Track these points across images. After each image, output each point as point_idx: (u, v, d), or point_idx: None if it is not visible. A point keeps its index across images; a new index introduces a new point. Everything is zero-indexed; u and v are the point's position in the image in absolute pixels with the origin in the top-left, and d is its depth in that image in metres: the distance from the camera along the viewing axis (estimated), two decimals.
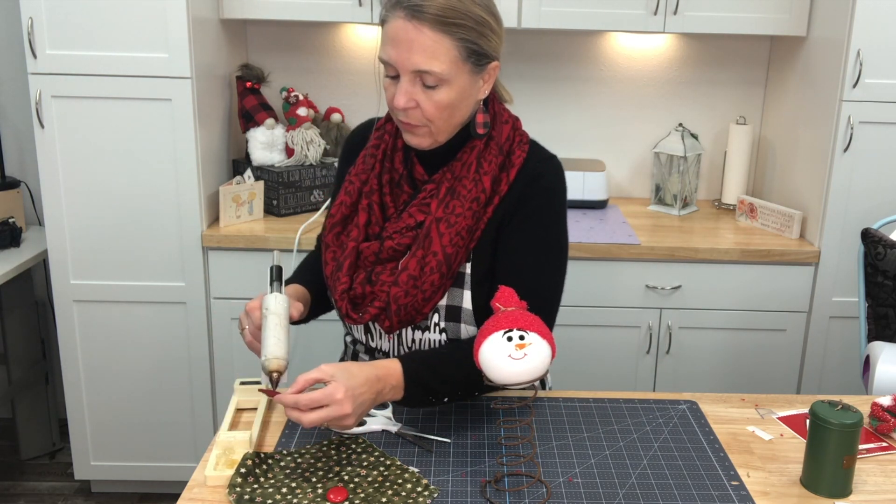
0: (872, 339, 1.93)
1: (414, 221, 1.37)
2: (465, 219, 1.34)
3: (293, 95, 2.65)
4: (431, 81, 1.27)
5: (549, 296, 1.39)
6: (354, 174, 1.43)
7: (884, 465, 1.25)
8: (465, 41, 1.26)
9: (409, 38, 1.24)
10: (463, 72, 1.29)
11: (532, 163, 1.39)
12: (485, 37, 1.29)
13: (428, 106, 1.29)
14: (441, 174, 1.38)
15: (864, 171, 2.35)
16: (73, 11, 2.20)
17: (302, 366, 2.47)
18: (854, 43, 2.24)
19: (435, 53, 1.25)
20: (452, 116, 1.32)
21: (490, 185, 1.35)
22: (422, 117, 1.30)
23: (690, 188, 2.74)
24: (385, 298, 1.35)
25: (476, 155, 1.36)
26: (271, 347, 1.22)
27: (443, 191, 1.36)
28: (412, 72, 1.26)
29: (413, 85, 1.28)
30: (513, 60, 2.81)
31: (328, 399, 1.15)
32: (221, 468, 1.17)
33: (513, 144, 1.39)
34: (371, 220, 1.41)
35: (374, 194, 1.41)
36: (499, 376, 1.12)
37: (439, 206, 1.35)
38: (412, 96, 1.28)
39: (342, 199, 1.42)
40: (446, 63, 1.26)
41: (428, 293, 1.34)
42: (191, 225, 2.36)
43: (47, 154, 2.30)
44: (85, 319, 2.43)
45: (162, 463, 2.56)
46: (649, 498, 1.14)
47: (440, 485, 1.16)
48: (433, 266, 1.33)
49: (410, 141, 1.35)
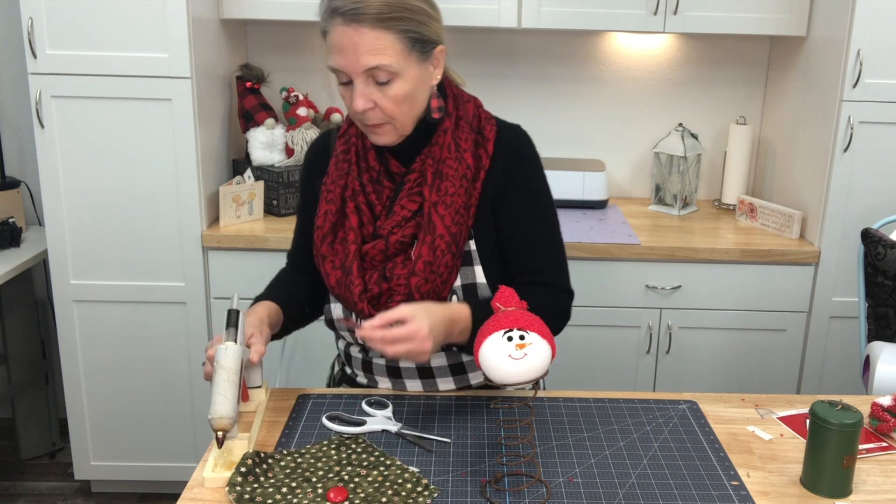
0: (872, 339, 1.93)
1: (409, 212, 1.40)
2: (460, 196, 1.38)
3: (293, 95, 2.65)
4: (384, 77, 1.29)
5: (560, 251, 1.47)
6: (331, 182, 1.45)
7: (884, 465, 1.25)
8: (406, 32, 1.29)
9: (352, 42, 1.27)
10: (411, 62, 1.31)
11: (504, 135, 1.44)
12: (424, 24, 1.32)
13: (386, 103, 1.31)
14: (420, 162, 1.40)
15: (864, 171, 2.35)
16: (73, 11, 2.20)
17: (303, 366, 2.48)
18: (854, 43, 2.24)
19: (380, 49, 1.27)
20: (412, 108, 1.35)
21: (472, 160, 1.40)
22: (382, 115, 1.33)
23: (690, 188, 2.74)
24: (404, 291, 1.37)
25: (451, 136, 1.40)
26: (218, 406, 1.18)
27: (429, 176, 1.39)
28: (363, 72, 1.28)
29: (367, 86, 1.30)
30: (513, 60, 2.81)
31: (414, 335, 1.23)
32: (220, 469, 1.17)
33: (481, 121, 1.44)
34: (363, 221, 1.42)
35: (359, 195, 1.43)
36: (499, 376, 1.12)
37: (432, 191, 1.38)
38: (369, 97, 1.30)
39: (326, 208, 1.44)
40: (393, 56, 1.28)
41: (444, 275, 1.38)
42: (191, 225, 2.36)
43: (47, 154, 2.30)
44: (85, 319, 2.43)
45: (162, 463, 2.56)
46: (649, 498, 1.14)
47: (440, 485, 1.16)
48: (443, 248, 1.36)
49: (377, 140, 1.38)
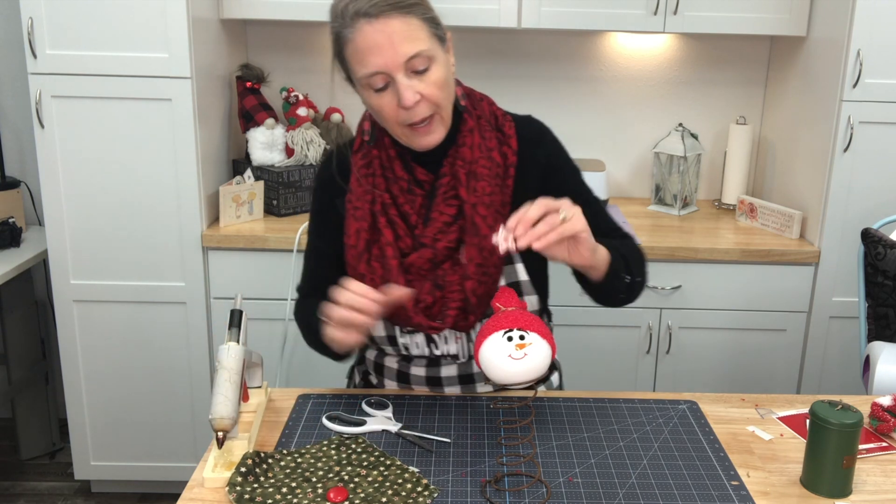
0: (872, 339, 1.93)
1: (448, 217, 1.37)
2: (496, 195, 1.37)
3: (293, 95, 2.65)
4: (422, 65, 1.27)
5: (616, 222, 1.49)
6: (356, 199, 1.40)
7: (884, 465, 1.25)
8: (425, 16, 1.28)
9: (386, 35, 1.24)
10: (438, 46, 1.30)
11: (523, 129, 1.44)
12: (430, 7, 1.31)
13: (431, 90, 1.28)
14: (449, 165, 1.38)
15: (864, 171, 2.34)
16: (73, 11, 2.20)
17: (303, 366, 2.47)
18: (854, 43, 2.24)
19: (413, 34, 1.25)
20: (450, 94, 1.34)
21: (500, 158, 1.39)
22: (429, 106, 1.29)
23: (690, 188, 2.74)
24: (459, 297, 1.36)
25: (477, 135, 1.38)
26: (218, 406, 1.19)
27: (463, 177, 1.36)
28: (404, 63, 1.25)
29: (410, 78, 1.27)
30: (513, 60, 2.81)
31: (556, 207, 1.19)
32: (220, 470, 1.17)
33: (498, 119, 1.43)
34: (399, 234, 1.39)
35: (390, 208, 1.39)
36: (499, 376, 1.12)
37: (469, 193, 1.36)
38: (415, 89, 1.27)
39: (357, 226, 1.39)
40: (426, 40, 1.27)
41: (495, 276, 1.37)
42: (191, 225, 2.36)
43: (47, 154, 2.30)
44: (85, 319, 2.43)
45: (162, 463, 2.56)
46: (649, 498, 1.14)
47: (440, 485, 1.16)
48: (491, 248, 1.34)
49: (424, 142, 1.33)
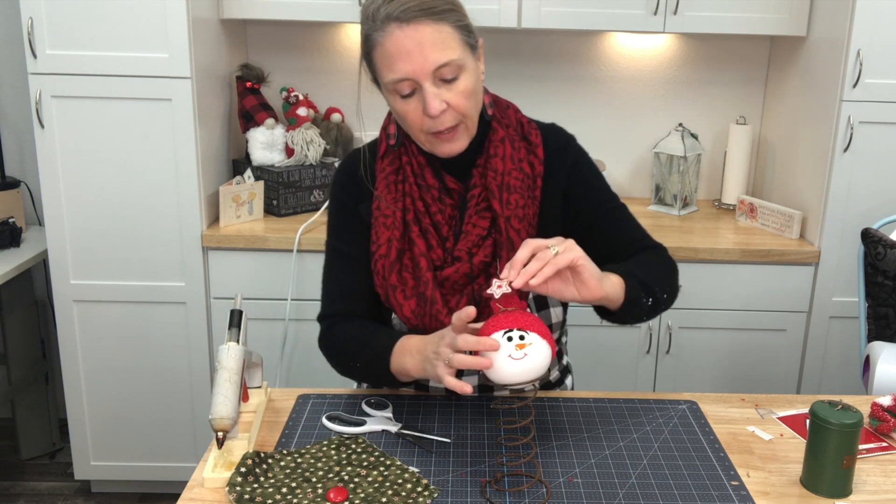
0: (872, 339, 1.93)
1: (482, 230, 1.35)
2: (529, 207, 1.36)
3: (293, 95, 2.65)
4: (450, 74, 1.24)
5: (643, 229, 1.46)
6: (385, 206, 1.37)
7: (884, 465, 1.25)
8: (458, 22, 1.26)
9: (416, 41, 1.22)
10: (469, 54, 1.27)
11: (549, 137, 1.42)
12: (465, 14, 1.29)
13: (458, 99, 1.26)
14: (479, 176, 1.36)
15: (864, 171, 2.34)
16: (73, 11, 2.20)
17: (303, 366, 2.47)
18: (854, 43, 2.24)
19: (444, 43, 1.23)
20: (477, 103, 1.32)
21: (529, 169, 1.38)
22: (455, 115, 1.27)
23: (690, 188, 2.74)
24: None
25: (508, 145, 1.37)
26: (218, 406, 1.19)
27: (495, 189, 1.35)
28: (433, 72, 1.23)
29: (437, 87, 1.24)
30: (513, 60, 2.81)
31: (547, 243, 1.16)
32: (220, 470, 1.17)
33: (524, 127, 1.41)
34: (431, 244, 1.36)
35: (424, 217, 1.37)
36: (499, 376, 1.12)
37: (503, 206, 1.34)
38: (442, 98, 1.25)
39: (388, 234, 1.36)
40: (457, 48, 1.24)
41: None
42: (191, 225, 2.36)
43: (47, 154, 2.30)
44: (85, 319, 2.42)
45: (162, 463, 2.56)
46: (649, 498, 1.14)
47: (440, 485, 1.16)
48: None
49: (450, 149, 1.31)
